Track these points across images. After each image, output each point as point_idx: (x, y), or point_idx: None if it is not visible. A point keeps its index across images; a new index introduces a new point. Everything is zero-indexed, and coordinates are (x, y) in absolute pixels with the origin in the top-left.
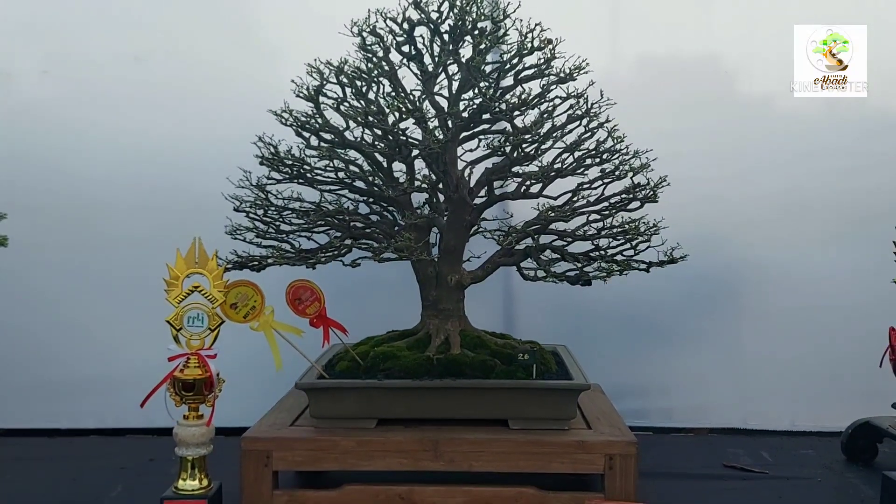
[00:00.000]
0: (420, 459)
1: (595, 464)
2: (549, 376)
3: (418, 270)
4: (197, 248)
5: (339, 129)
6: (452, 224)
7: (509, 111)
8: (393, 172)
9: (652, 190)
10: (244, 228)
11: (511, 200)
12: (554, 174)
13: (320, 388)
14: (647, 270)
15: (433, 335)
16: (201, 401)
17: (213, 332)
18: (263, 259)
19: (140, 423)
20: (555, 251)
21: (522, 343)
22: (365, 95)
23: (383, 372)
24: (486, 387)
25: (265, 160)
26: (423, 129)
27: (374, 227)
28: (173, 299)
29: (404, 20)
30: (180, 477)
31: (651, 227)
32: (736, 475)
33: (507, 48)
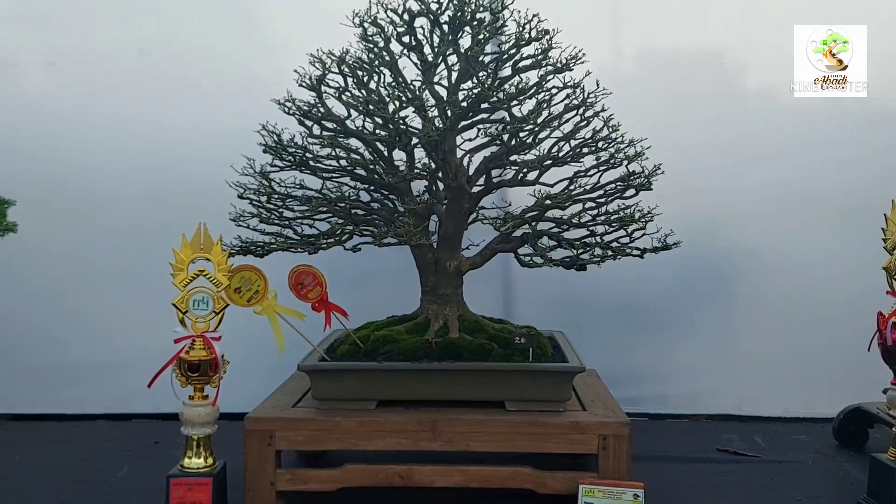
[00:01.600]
0: (419, 440)
1: (589, 444)
2: (545, 360)
3: (418, 257)
4: (202, 234)
5: (341, 118)
6: (451, 211)
7: (507, 100)
8: (394, 161)
9: (647, 178)
10: (248, 215)
11: (509, 188)
12: (550, 162)
13: (322, 371)
14: (642, 256)
15: (432, 320)
16: (206, 382)
17: (218, 316)
18: (267, 245)
19: (146, 409)
20: (551, 238)
21: (519, 328)
22: (366, 85)
23: (383, 355)
24: (483, 369)
25: (269, 148)
26: (422, 117)
27: (374, 214)
28: (179, 283)
29: (405, 11)
30: (186, 455)
31: (646, 214)
32: (729, 459)
33: (505, 38)
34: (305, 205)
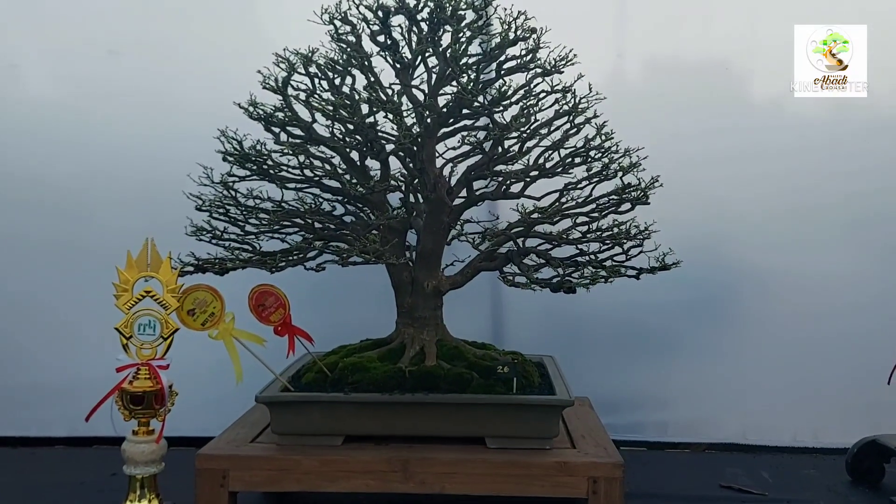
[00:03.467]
0: (389, 481)
1: (577, 487)
2: (530, 390)
3: (393, 275)
4: (149, 250)
5: (308, 123)
6: (430, 226)
7: (490, 105)
8: (366, 170)
9: (643, 191)
10: (203, 230)
11: (494, 201)
12: (537, 173)
13: (282, 402)
14: (637, 277)
15: (407, 345)
16: (152, 415)
17: (167, 341)
18: (220, 262)
19: (109, 432)
20: (539, 255)
21: (503, 354)
22: (338, 88)
23: (351, 385)
24: (461, 402)
25: (229, 155)
26: (396, 122)
27: (345, 229)
28: (123, 305)
29: (379, 7)
30: (128, 498)
31: (643, 230)
32: (733, 497)
33: (487, 36)
34: (266, 218)
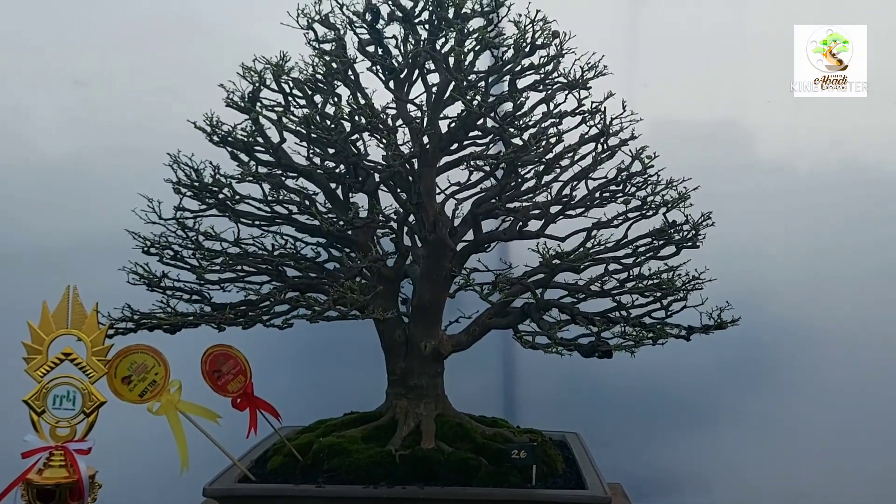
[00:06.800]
0: None
1: None
2: (553, 482)
3: (383, 334)
4: (70, 301)
5: (277, 145)
6: (428, 273)
7: (502, 123)
8: (352, 206)
9: (692, 230)
10: (137, 274)
11: (507, 242)
12: (560, 207)
13: (238, 497)
14: (688, 338)
15: (400, 421)
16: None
17: (89, 418)
18: (149, 317)
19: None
20: (563, 310)
21: (519, 433)
22: (317, 105)
23: (327, 473)
24: (466, 497)
25: (181, 185)
26: (385, 145)
27: (324, 278)
28: (34, 371)
29: (367, 9)
30: None
31: (692, 279)
32: None
33: (499, 39)
34: (213, 261)
